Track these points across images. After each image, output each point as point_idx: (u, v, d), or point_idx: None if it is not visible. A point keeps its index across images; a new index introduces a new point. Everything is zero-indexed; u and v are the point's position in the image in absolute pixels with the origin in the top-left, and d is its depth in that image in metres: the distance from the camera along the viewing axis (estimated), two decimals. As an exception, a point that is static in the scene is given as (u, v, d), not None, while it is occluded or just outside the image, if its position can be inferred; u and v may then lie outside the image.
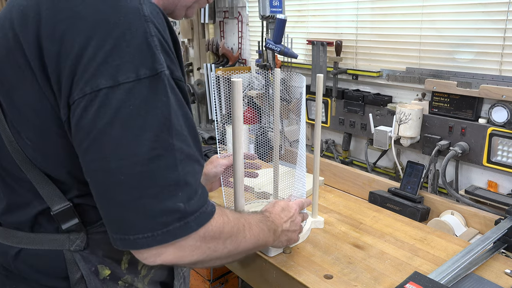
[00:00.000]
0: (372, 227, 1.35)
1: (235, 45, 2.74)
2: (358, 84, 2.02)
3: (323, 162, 1.86)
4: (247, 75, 2.42)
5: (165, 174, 0.63)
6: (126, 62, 0.61)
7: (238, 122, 1.05)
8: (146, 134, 0.61)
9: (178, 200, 0.63)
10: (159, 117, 0.62)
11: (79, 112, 0.61)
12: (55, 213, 0.71)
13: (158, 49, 0.63)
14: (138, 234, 0.63)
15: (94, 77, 0.60)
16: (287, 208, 1.06)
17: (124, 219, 0.63)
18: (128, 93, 0.61)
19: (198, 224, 0.66)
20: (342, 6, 1.99)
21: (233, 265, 1.34)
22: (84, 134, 0.62)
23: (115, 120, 0.60)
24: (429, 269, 1.11)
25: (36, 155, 0.71)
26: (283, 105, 1.26)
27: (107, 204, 0.64)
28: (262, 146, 1.50)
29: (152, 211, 0.62)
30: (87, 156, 0.63)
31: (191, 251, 0.68)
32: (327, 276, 1.09)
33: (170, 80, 0.65)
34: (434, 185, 1.68)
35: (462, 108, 1.60)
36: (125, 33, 0.61)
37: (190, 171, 0.66)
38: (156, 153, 0.62)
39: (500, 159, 1.52)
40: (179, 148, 0.64)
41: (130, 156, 0.61)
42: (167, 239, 0.64)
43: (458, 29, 1.60)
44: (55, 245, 0.74)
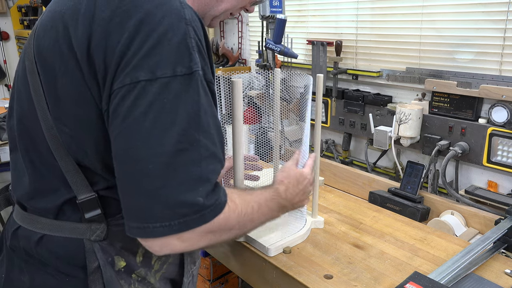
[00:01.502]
0: (372, 227, 1.35)
1: (235, 45, 2.74)
2: (358, 84, 2.02)
3: (323, 162, 1.86)
4: (247, 75, 2.42)
5: (189, 168, 0.66)
6: (165, 58, 0.65)
7: (238, 122, 1.05)
8: (175, 127, 0.65)
9: (198, 195, 0.66)
10: (189, 113, 0.66)
11: (117, 100, 0.66)
12: (80, 202, 0.75)
13: (194, 50, 0.68)
14: (157, 222, 0.65)
15: (134, 70, 0.65)
16: (301, 179, 1.03)
17: (145, 207, 0.65)
18: (163, 88, 0.65)
19: (212, 215, 0.69)
20: (342, 6, 1.99)
21: (233, 265, 1.34)
22: (118, 121, 0.66)
23: (149, 111, 0.64)
24: (429, 269, 1.11)
25: (71, 142, 0.74)
26: (283, 105, 1.26)
27: (131, 191, 0.66)
28: (262, 146, 1.50)
29: (173, 202, 0.65)
30: (118, 142, 0.66)
31: (197, 240, 0.70)
32: (327, 276, 1.09)
33: (203, 81, 0.69)
34: (434, 185, 1.68)
35: (462, 108, 1.60)
36: (167, 31, 0.66)
37: (212, 169, 0.69)
38: (183, 147, 0.65)
39: (500, 159, 1.52)
40: (205, 145, 0.68)
41: (159, 146, 0.64)
42: (182, 229, 0.66)
43: (458, 29, 1.60)
44: (77, 233, 0.77)
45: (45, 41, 0.74)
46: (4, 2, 4.09)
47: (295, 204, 1.01)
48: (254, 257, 1.21)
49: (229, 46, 2.78)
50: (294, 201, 0.99)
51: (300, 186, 1.01)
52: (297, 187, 1.00)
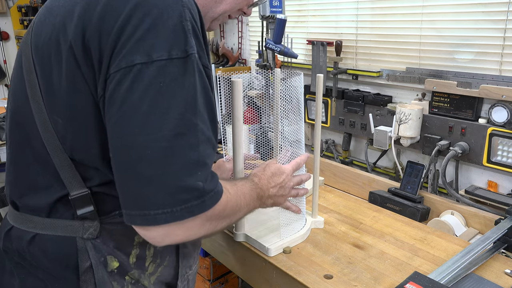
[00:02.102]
0: (372, 227, 1.35)
1: (235, 45, 2.74)
2: (358, 84, 2.02)
3: (323, 162, 1.86)
4: (247, 75, 2.42)
5: (187, 152, 0.65)
6: (161, 41, 0.65)
7: (238, 122, 1.05)
8: (173, 112, 0.64)
9: (198, 179, 0.66)
10: (186, 97, 0.66)
11: (113, 85, 0.65)
12: (73, 198, 0.74)
13: (190, 33, 0.67)
14: (158, 209, 0.64)
15: (130, 53, 0.64)
16: (278, 173, 1.03)
17: (146, 193, 0.64)
18: (159, 71, 0.64)
19: (212, 202, 0.69)
20: (342, 6, 1.99)
21: (233, 265, 1.34)
22: (115, 108, 0.65)
23: (145, 95, 0.64)
24: (429, 269, 1.11)
25: (66, 134, 0.73)
26: (283, 105, 1.26)
27: (130, 178, 0.65)
28: (262, 146, 1.50)
29: (174, 187, 0.64)
30: (115, 129, 0.65)
31: (197, 229, 0.70)
32: (327, 276, 1.09)
33: (199, 64, 0.68)
34: (434, 185, 1.68)
35: (462, 108, 1.60)
36: (163, 13, 0.65)
37: (208, 154, 0.68)
38: (181, 131, 0.65)
39: (500, 159, 1.52)
40: (201, 129, 0.67)
41: (157, 131, 0.64)
42: (184, 215, 0.65)
43: (458, 29, 1.60)
44: (69, 231, 0.76)
45: (42, 36, 0.74)
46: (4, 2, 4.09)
47: (271, 196, 1.00)
48: (254, 257, 1.21)
49: (229, 46, 2.78)
50: (269, 193, 0.99)
51: (275, 178, 1.01)
52: (272, 179, 1.01)
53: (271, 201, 1.02)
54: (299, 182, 1.11)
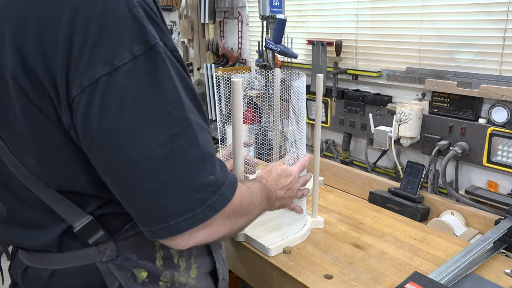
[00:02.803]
0: (372, 227, 1.35)
1: (235, 45, 2.74)
2: (358, 84, 2.02)
3: (323, 162, 1.86)
4: (247, 75, 2.42)
5: (188, 150, 0.60)
6: (117, 41, 0.57)
7: (238, 122, 1.05)
8: (158, 114, 0.58)
9: (208, 173, 0.61)
10: (167, 94, 0.59)
11: (82, 109, 0.57)
12: (78, 230, 0.69)
13: (145, 20, 0.59)
14: (179, 217, 0.60)
15: (89, 67, 0.56)
16: (285, 174, 1.00)
17: (160, 206, 0.60)
18: (127, 76, 0.57)
19: (231, 193, 0.65)
20: (342, 6, 1.99)
21: (233, 265, 1.34)
22: (94, 131, 0.58)
23: (123, 107, 0.57)
24: (429, 269, 1.11)
25: (43, 173, 0.67)
26: (283, 105, 1.26)
27: (137, 197, 0.60)
28: (262, 146, 1.50)
29: (186, 191, 0.60)
30: (102, 154, 0.59)
31: (218, 227, 0.67)
32: (327, 276, 1.09)
33: (166, 51, 0.61)
34: (434, 185, 1.68)
35: (462, 108, 1.60)
36: (107, 8, 0.56)
37: (208, 142, 0.64)
38: (174, 131, 0.59)
39: (500, 159, 1.52)
40: (194, 121, 0.61)
41: (148, 141, 0.58)
42: (208, 215, 0.61)
43: (458, 29, 1.60)
44: (87, 259, 0.72)
45: None
46: None
47: (278, 198, 0.98)
48: (254, 257, 1.21)
49: (229, 46, 2.78)
50: (277, 195, 0.97)
51: (282, 180, 0.99)
52: (279, 181, 0.98)
53: (279, 203, 1.00)
54: (304, 183, 1.09)
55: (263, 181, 0.93)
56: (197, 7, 2.86)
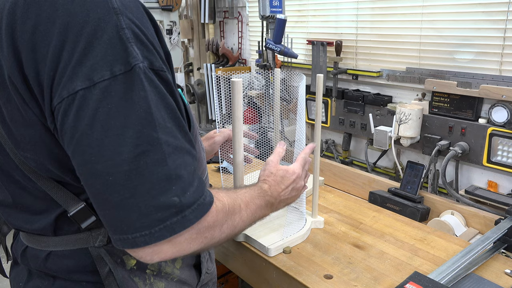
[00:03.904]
0: (372, 227, 1.35)
1: (235, 45, 2.74)
2: (358, 84, 2.02)
3: (323, 162, 1.86)
4: (247, 75, 2.42)
5: (154, 169, 0.62)
6: (100, 60, 0.60)
7: (238, 122, 1.05)
8: (128, 131, 0.60)
9: (172, 195, 0.62)
10: (140, 113, 0.61)
11: (60, 117, 0.61)
12: (72, 215, 0.73)
13: (131, 42, 0.62)
14: (136, 232, 0.62)
15: (70, 80, 0.60)
16: (287, 175, 1.00)
17: (121, 218, 0.62)
18: (104, 92, 0.60)
19: (196, 216, 0.65)
20: (342, 6, 1.99)
21: (233, 265, 1.34)
22: (68, 139, 0.62)
23: (95, 121, 0.60)
24: (429, 269, 1.11)
25: (38, 166, 0.71)
26: (283, 105, 1.26)
27: (103, 205, 0.63)
28: (262, 146, 1.50)
29: (146, 208, 0.61)
30: (74, 160, 0.63)
31: (188, 244, 0.67)
32: (327, 276, 1.09)
33: (148, 72, 0.63)
34: (434, 185, 1.68)
35: (462, 108, 1.60)
36: (96, 30, 0.60)
37: (181, 164, 0.64)
38: (142, 150, 0.61)
39: (500, 159, 1.52)
40: (165, 141, 0.63)
41: (115, 156, 0.60)
42: (165, 235, 0.63)
43: (458, 29, 1.60)
44: (80, 243, 0.76)
45: None
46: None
47: (283, 200, 0.98)
48: (254, 257, 1.21)
49: (229, 46, 2.78)
50: (281, 198, 0.97)
51: (286, 182, 0.98)
52: (283, 183, 0.98)
53: (284, 204, 1.00)
54: (307, 176, 1.09)
55: (265, 187, 0.94)
56: (197, 7, 2.86)
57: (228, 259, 1.35)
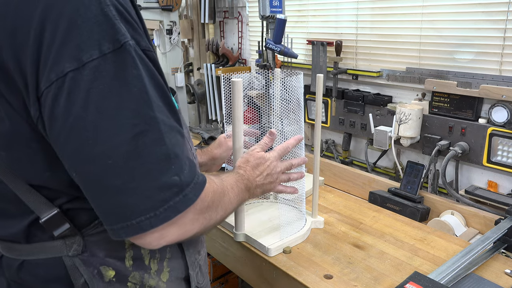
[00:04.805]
0: (372, 227, 1.35)
1: (235, 45, 2.74)
2: (358, 84, 2.02)
3: (323, 162, 1.86)
4: (247, 75, 2.42)
5: (153, 149, 0.60)
6: (86, 39, 0.57)
7: (238, 122, 1.05)
8: (125, 111, 0.59)
9: (173, 174, 0.61)
10: (134, 92, 0.60)
11: (49, 102, 0.58)
12: (44, 221, 0.69)
13: (117, 19, 0.59)
14: (141, 216, 0.60)
15: (57, 63, 0.57)
16: (262, 161, 1.00)
17: (122, 204, 0.60)
18: (95, 72, 0.58)
19: (196, 194, 0.65)
20: (342, 6, 1.99)
21: (233, 265, 1.34)
22: (60, 125, 0.59)
23: (89, 103, 0.58)
24: (429, 269, 1.11)
25: (13, 166, 0.68)
26: (283, 105, 1.26)
27: (101, 194, 0.61)
28: (262, 146, 1.50)
29: (149, 190, 0.60)
30: (67, 147, 0.60)
31: (191, 225, 0.67)
32: (327, 276, 1.09)
33: (138, 50, 0.61)
34: (434, 185, 1.68)
35: (462, 108, 1.60)
36: (78, 8, 0.57)
37: (176, 143, 0.63)
38: (140, 129, 0.59)
39: (500, 159, 1.52)
40: (162, 120, 0.62)
41: (113, 137, 0.58)
42: (169, 215, 0.62)
43: (458, 29, 1.60)
44: (53, 252, 0.72)
45: None
46: None
47: (259, 186, 0.98)
48: (254, 257, 1.21)
49: (229, 46, 2.78)
50: (257, 183, 0.97)
51: (260, 168, 0.99)
52: (257, 169, 0.99)
53: (260, 190, 1.00)
54: (288, 167, 1.07)
55: (241, 172, 0.95)
56: (197, 7, 2.86)
57: (228, 259, 1.35)
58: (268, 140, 1.08)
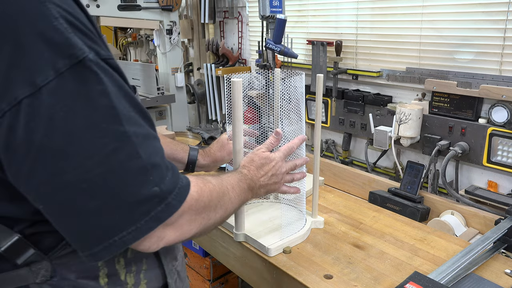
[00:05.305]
0: (372, 227, 1.35)
1: (235, 45, 2.74)
2: (358, 84, 2.02)
3: (323, 162, 1.86)
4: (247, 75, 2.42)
5: (129, 164, 0.57)
6: (37, 59, 0.52)
7: (238, 122, 1.05)
8: (92, 131, 0.55)
9: (152, 185, 0.59)
10: (101, 108, 0.56)
11: (3, 134, 0.53)
12: (3, 250, 0.63)
13: (70, 32, 0.54)
14: (122, 231, 0.58)
15: (8, 89, 0.52)
16: (267, 161, 1.01)
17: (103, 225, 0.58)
18: (54, 95, 0.53)
19: (180, 200, 0.64)
20: (342, 6, 1.99)
21: (233, 265, 1.34)
22: (21, 157, 0.54)
23: (53, 129, 0.53)
24: (429, 269, 1.11)
25: None
26: (283, 105, 1.26)
27: (76, 220, 0.57)
28: (262, 146, 1.50)
29: (129, 206, 0.58)
30: (33, 180, 0.55)
31: (188, 225, 0.67)
32: (327, 276, 1.09)
33: (99, 62, 0.56)
34: (434, 185, 1.68)
35: (462, 108, 1.60)
36: (23, 25, 0.52)
37: (152, 151, 0.61)
38: (112, 147, 0.56)
39: (500, 159, 1.52)
40: (133, 133, 0.58)
41: (84, 161, 0.55)
42: (152, 226, 0.60)
43: (458, 29, 1.60)
44: (19, 281, 0.66)
45: None
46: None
47: (263, 186, 0.99)
48: (254, 257, 1.21)
49: (229, 46, 2.78)
50: (260, 183, 0.97)
51: (265, 168, 1.00)
52: (262, 169, 0.99)
53: (264, 190, 1.00)
54: (292, 167, 1.07)
55: (245, 171, 0.95)
56: (197, 7, 2.86)
57: (228, 259, 1.35)
58: (274, 140, 1.08)
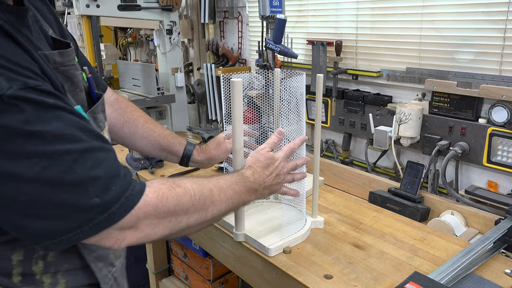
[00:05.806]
0: (372, 227, 1.35)
1: (235, 45, 2.74)
2: (358, 84, 2.02)
3: (323, 162, 1.86)
4: (247, 75, 2.42)
5: (64, 179, 0.61)
6: None
7: (238, 122, 1.05)
8: (21, 155, 0.59)
9: (91, 197, 0.63)
10: (25, 137, 0.58)
11: None
12: None
13: None
14: (69, 233, 0.63)
15: None
16: (271, 163, 1.00)
17: (49, 227, 0.63)
18: None
19: (125, 209, 0.66)
20: (342, 6, 1.99)
21: (233, 265, 1.34)
22: None
23: None
24: (429, 269, 1.11)
25: None
26: (283, 105, 1.26)
27: (26, 226, 0.62)
28: (262, 146, 1.50)
29: (72, 214, 0.63)
30: None
31: (151, 229, 0.69)
32: (327, 276, 1.09)
33: (20, 94, 0.58)
34: (434, 185, 1.68)
35: (462, 108, 1.60)
36: None
37: (93, 164, 0.64)
38: (42, 166, 0.60)
39: (500, 159, 1.52)
40: (67, 151, 0.61)
41: (17, 181, 0.59)
42: (96, 230, 0.65)
43: (458, 29, 1.60)
44: None
45: None
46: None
47: (268, 187, 0.98)
48: (254, 257, 1.21)
49: (229, 46, 2.78)
50: (266, 184, 0.97)
51: (270, 168, 0.99)
52: (267, 170, 0.99)
53: (268, 191, 1.01)
54: (293, 167, 1.08)
55: (248, 172, 0.95)
56: (197, 7, 2.86)
57: (228, 259, 1.35)
58: (276, 139, 1.07)
